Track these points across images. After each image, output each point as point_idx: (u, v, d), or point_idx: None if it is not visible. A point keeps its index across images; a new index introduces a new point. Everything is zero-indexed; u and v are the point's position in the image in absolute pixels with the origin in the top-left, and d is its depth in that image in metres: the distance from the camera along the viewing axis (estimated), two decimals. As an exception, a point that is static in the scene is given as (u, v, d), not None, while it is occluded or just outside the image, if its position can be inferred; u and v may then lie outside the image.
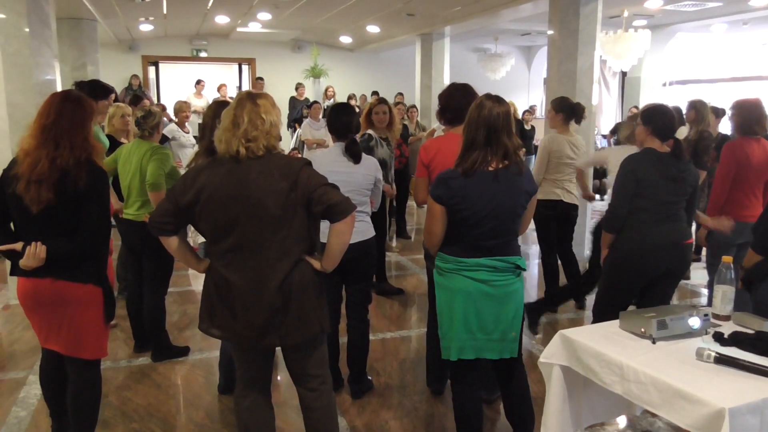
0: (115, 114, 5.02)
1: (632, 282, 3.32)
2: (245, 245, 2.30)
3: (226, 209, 2.28)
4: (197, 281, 2.20)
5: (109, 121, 5.01)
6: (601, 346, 2.29)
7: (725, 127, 6.00)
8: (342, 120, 3.46)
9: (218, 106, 3.18)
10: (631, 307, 3.14)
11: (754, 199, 3.97)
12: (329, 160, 3.38)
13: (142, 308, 4.05)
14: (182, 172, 3.51)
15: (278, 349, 2.52)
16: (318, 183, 2.32)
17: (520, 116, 11.15)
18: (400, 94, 12.18)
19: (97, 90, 4.45)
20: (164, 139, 6.48)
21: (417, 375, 3.87)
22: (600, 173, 10.96)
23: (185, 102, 7.16)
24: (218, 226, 2.31)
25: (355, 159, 3.39)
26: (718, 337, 2.32)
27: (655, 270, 3.24)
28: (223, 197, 2.28)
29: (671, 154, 3.22)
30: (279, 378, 3.77)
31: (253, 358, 2.50)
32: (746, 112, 3.97)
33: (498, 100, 2.59)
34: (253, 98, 2.36)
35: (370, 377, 3.72)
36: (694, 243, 3.70)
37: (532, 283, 6.07)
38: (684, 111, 5.60)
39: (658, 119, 3.24)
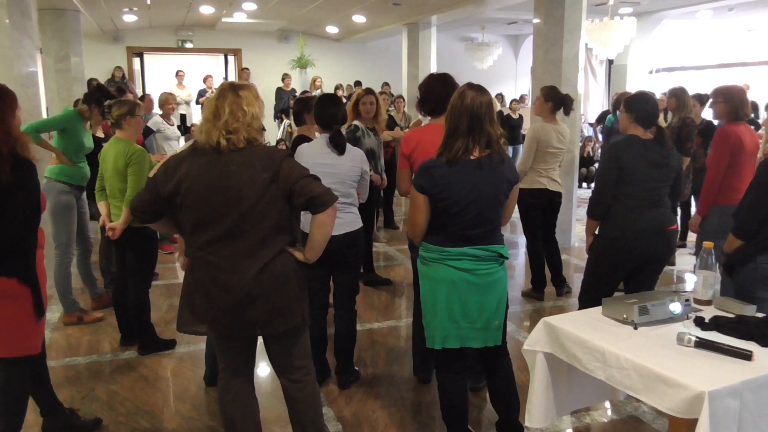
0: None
1: (618, 268, 3.34)
2: (225, 236, 2.29)
3: (206, 200, 2.27)
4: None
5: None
6: (583, 333, 2.31)
7: (709, 113, 6.04)
8: (327, 111, 3.44)
9: None
10: (617, 294, 3.16)
11: (746, 184, 4.00)
12: (314, 152, 3.37)
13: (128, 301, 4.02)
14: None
15: (261, 342, 2.52)
16: (299, 175, 2.31)
17: (504, 108, 11.16)
18: (386, 84, 12.14)
19: (102, 105, 4.48)
20: (149, 132, 6.43)
21: (404, 365, 3.88)
22: (586, 161, 11.02)
23: (171, 93, 7.07)
24: (199, 217, 2.30)
25: (340, 150, 3.37)
26: (699, 322, 2.35)
27: (641, 256, 3.26)
28: (204, 188, 2.26)
29: (654, 140, 3.24)
30: (264, 369, 3.77)
31: (236, 347, 2.49)
32: (734, 98, 3.99)
33: (480, 89, 2.59)
34: (235, 89, 2.34)
35: (357, 368, 3.73)
36: (678, 229, 3.73)
37: (519, 272, 6.10)
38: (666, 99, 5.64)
39: (640, 107, 3.26)
